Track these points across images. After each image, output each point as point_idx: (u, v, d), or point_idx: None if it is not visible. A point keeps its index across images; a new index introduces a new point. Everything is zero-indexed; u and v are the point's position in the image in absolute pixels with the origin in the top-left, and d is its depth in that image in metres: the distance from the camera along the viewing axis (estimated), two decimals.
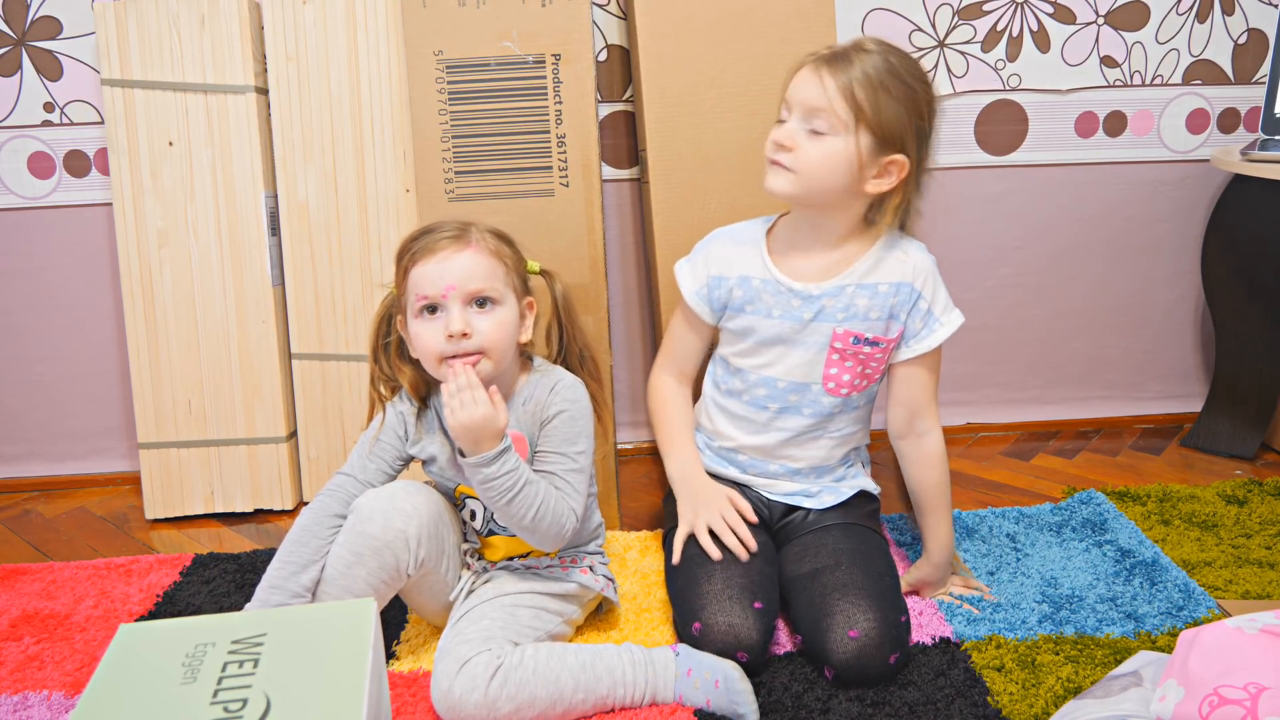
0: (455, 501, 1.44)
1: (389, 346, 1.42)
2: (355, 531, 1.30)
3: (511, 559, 1.42)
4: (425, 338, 1.32)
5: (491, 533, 1.42)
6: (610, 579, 1.46)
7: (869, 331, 1.43)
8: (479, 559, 1.43)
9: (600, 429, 1.46)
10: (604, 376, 1.51)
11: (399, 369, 1.41)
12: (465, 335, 1.30)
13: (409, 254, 1.34)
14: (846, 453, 1.54)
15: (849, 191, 1.38)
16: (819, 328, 1.43)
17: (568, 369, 1.45)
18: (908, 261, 1.43)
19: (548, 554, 1.43)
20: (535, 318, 1.42)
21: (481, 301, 1.32)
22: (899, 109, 1.34)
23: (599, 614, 1.50)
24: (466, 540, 1.44)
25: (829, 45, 1.39)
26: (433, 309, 1.32)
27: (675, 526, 1.52)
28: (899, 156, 1.36)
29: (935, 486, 1.48)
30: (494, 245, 1.36)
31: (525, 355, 1.44)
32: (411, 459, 1.44)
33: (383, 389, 1.43)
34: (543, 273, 1.46)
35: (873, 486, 1.56)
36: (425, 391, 1.42)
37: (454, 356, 1.31)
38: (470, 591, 1.38)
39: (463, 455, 1.29)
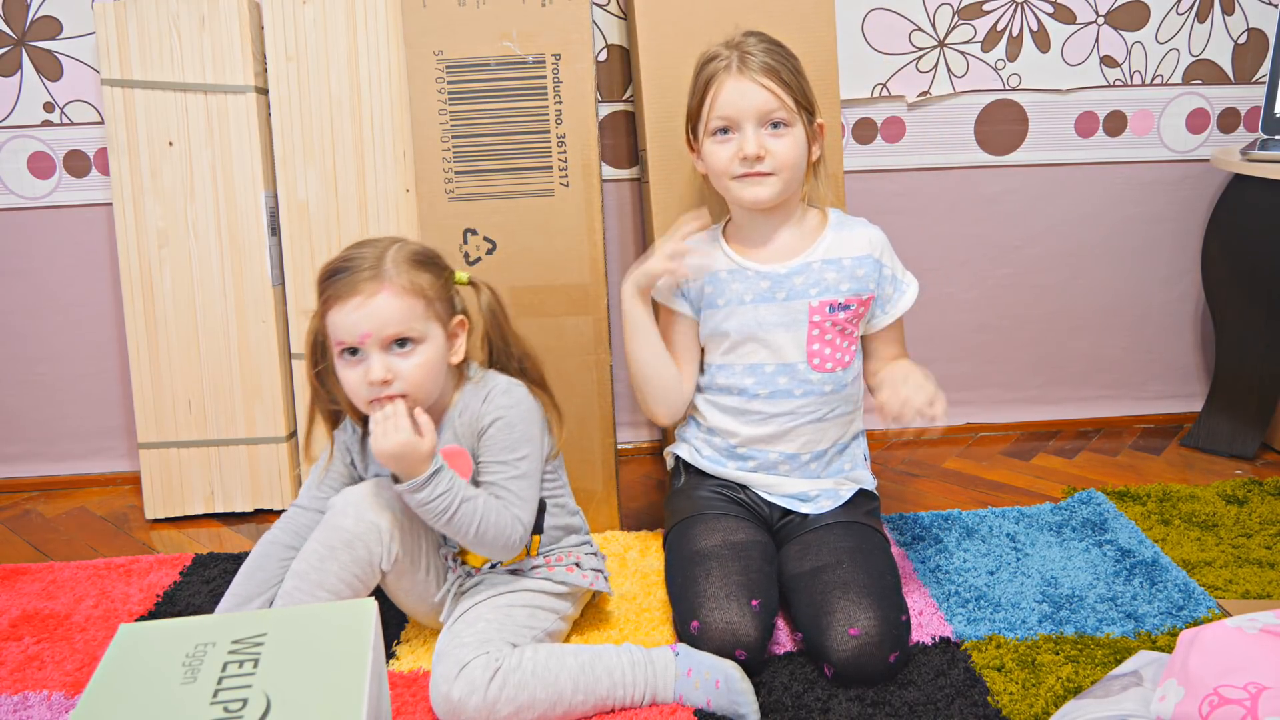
0: None
1: (324, 370, 1.38)
2: (328, 526, 1.31)
3: (494, 565, 1.40)
4: (349, 381, 1.31)
5: None
6: (599, 570, 1.46)
7: (841, 297, 1.49)
8: (461, 564, 1.42)
9: (555, 430, 1.44)
10: (547, 379, 1.46)
11: (337, 390, 1.37)
12: (386, 382, 1.28)
13: (324, 295, 1.31)
14: (845, 439, 1.55)
15: (804, 169, 1.49)
16: (794, 305, 1.49)
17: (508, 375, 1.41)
18: (864, 236, 1.52)
19: (529, 554, 1.41)
20: (469, 332, 1.39)
21: (402, 341, 1.29)
22: (802, 76, 1.46)
23: (593, 603, 1.50)
24: (446, 543, 1.42)
25: (717, 53, 1.46)
26: (354, 350, 1.30)
27: (674, 527, 1.52)
28: (820, 119, 1.50)
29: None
30: (410, 281, 1.30)
31: (461, 368, 1.40)
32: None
33: (322, 410, 1.41)
34: (471, 283, 1.41)
35: (870, 481, 1.56)
36: (365, 414, 1.38)
37: (376, 401, 1.29)
38: (461, 592, 1.38)
39: (397, 481, 1.28)
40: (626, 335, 1.53)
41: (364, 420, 1.39)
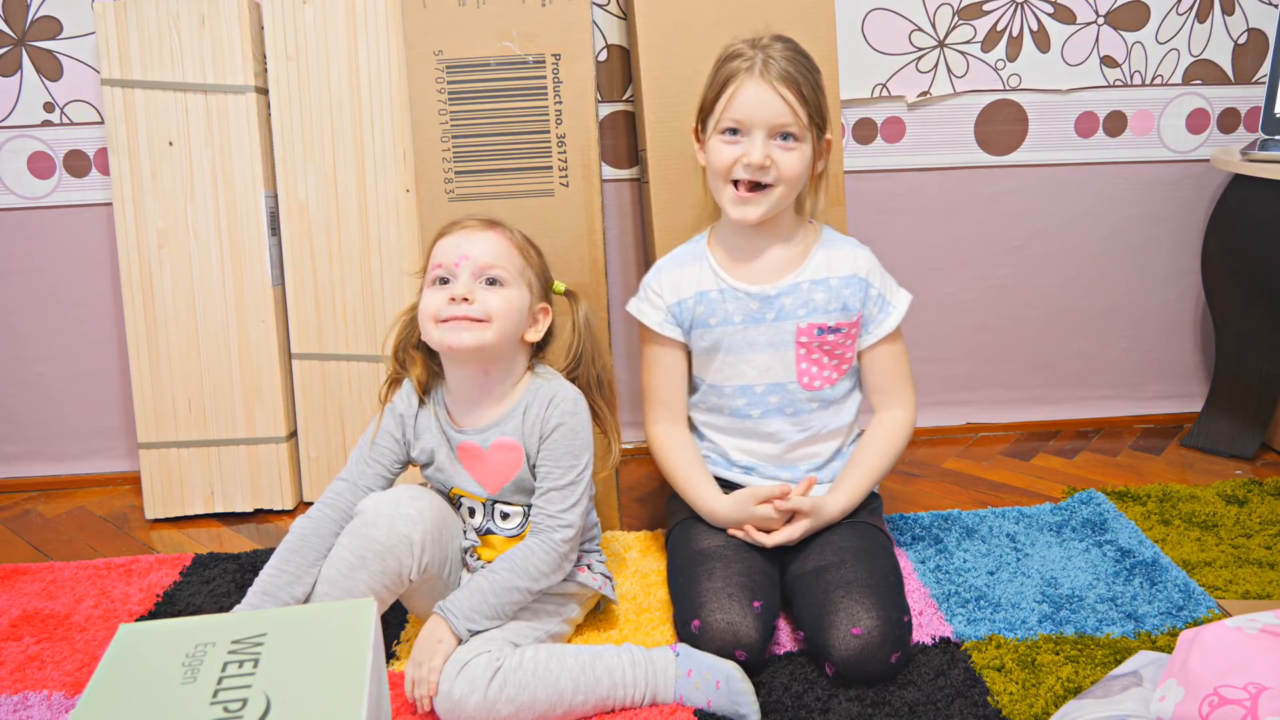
0: (452, 502, 1.44)
1: (409, 336, 1.45)
2: (359, 535, 1.30)
3: None
4: (430, 304, 1.34)
5: (489, 531, 1.42)
6: (608, 577, 1.47)
7: (830, 320, 1.49)
8: (476, 559, 1.43)
9: (604, 449, 1.46)
10: (616, 401, 1.51)
11: (411, 357, 1.43)
12: (466, 300, 1.31)
13: (439, 234, 1.39)
14: (846, 444, 1.57)
15: (805, 184, 1.48)
16: (782, 326, 1.49)
17: (582, 390, 1.44)
18: (851, 255, 1.51)
19: None
20: (551, 327, 1.42)
21: (492, 280, 1.34)
22: (821, 91, 1.45)
23: (597, 612, 1.50)
24: (465, 537, 1.44)
25: (740, 51, 1.44)
26: (445, 281, 1.34)
27: (676, 525, 1.53)
28: (829, 135, 1.48)
29: (871, 449, 1.53)
30: (520, 239, 1.39)
31: (531, 361, 1.43)
32: (409, 463, 1.45)
33: (396, 367, 1.46)
34: (568, 294, 1.46)
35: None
36: (427, 387, 1.43)
37: (451, 319, 1.32)
38: None
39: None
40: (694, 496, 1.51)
41: (425, 392, 1.42)
